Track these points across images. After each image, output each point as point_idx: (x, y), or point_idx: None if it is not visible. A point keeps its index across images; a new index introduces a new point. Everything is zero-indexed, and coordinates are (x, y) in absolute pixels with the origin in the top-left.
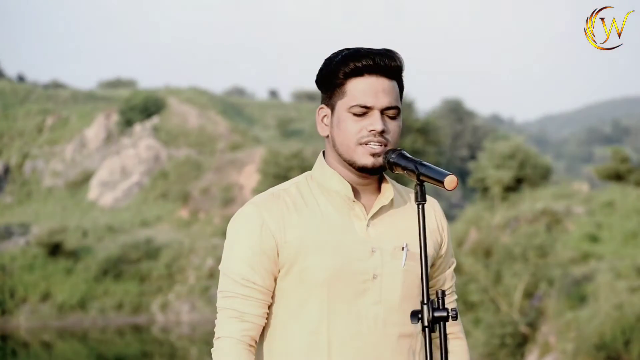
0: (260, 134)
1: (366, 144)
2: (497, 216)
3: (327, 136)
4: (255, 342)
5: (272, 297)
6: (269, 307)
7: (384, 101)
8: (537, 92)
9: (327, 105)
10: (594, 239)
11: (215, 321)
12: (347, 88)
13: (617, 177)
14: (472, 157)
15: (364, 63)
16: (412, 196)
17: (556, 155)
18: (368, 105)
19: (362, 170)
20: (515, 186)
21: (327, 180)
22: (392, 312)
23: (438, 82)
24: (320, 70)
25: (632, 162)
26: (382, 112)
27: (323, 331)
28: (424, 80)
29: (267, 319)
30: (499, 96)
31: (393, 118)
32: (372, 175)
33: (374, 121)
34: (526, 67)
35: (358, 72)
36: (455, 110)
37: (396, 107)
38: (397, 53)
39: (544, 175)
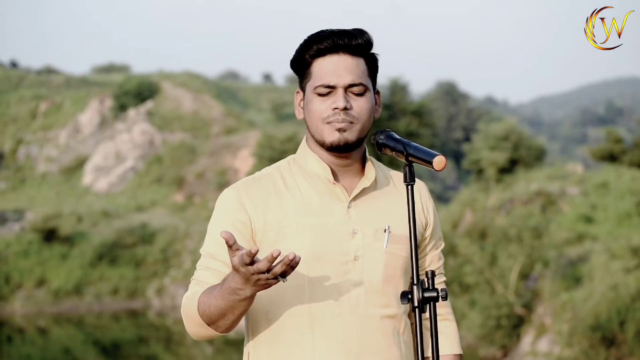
0: (255, 117)
1: (330, 122)
2: (492, 198)
3: (304, 119)
4: None
5: None
6: None
7: (347, 79)
8: (531, 73)
9: (301, 89)
10: (588, 219)
11: None
12: (313, 70)
13: (611, 157)
14: (467, 139)
15: (324, 44)
16: (400, 178)
17: (550, 136)
18: (331, 84)
19: (332, 149)
20: (509, 168)
21: (307, 163)
22: (373, 293)
23: (432, 65)
24: (292, 58)
25: (626, 142)
26: (346, 89)
27: (305, 313)
28: (418, 63)
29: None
30: (492, 78)
31: (360, 95)
32: (346, 154)
33: (337, 99)
34: (520, 49)
35: (320, 53)
36: (450, 93)
37: (360, 84)
38: (363, 31)
39: (538, 157)
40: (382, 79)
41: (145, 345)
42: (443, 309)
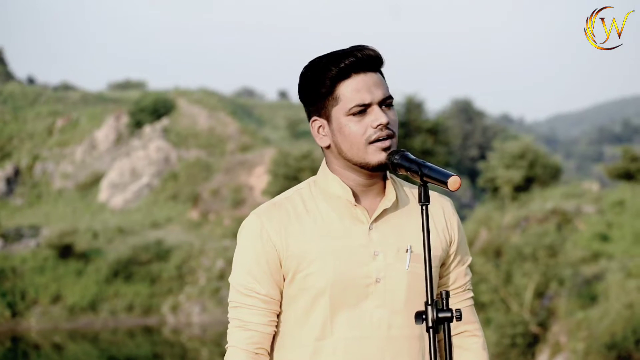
0: (270, 135)
1: (375, 141)
2: (508, 216)
3: (328, 146)
4: (265, 350)
5: (281, 305)
6: (280, 315)
7: (379, 94)
8: (547, 91)
9: (319, 116)
10: (604, 238)
11: (227, 331)
12: (339, 93)
13: (627, 176)
14: (482, 157)
15: (346, 63)
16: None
17: (566, 154)
18: (366, 102)
19: (377, 169)
20: (525, 186)
21: (328, 186)
22: (396, 315)
23: (448, 83)
24: (302, 86)
25: None
26: (380, 104)
27: (328, 336)
28: (434, 80)
29: (277, 326)
30: (508, 96)
31: (390, 107)
32: (383, 172)
33: (377, 115)
34: (536, 67)
35: (344, 74)
36: (465, 111)
37: (390, 97)
38: (370, 46)
39: (554, 175)
40: (398, 96)
41: None
42: (471, 324)
